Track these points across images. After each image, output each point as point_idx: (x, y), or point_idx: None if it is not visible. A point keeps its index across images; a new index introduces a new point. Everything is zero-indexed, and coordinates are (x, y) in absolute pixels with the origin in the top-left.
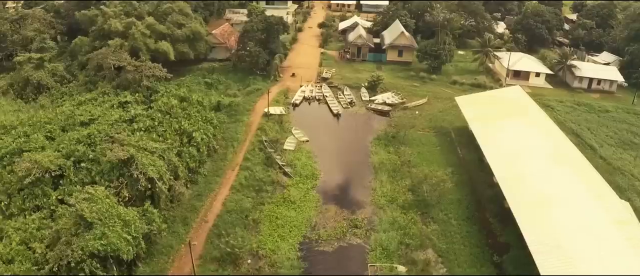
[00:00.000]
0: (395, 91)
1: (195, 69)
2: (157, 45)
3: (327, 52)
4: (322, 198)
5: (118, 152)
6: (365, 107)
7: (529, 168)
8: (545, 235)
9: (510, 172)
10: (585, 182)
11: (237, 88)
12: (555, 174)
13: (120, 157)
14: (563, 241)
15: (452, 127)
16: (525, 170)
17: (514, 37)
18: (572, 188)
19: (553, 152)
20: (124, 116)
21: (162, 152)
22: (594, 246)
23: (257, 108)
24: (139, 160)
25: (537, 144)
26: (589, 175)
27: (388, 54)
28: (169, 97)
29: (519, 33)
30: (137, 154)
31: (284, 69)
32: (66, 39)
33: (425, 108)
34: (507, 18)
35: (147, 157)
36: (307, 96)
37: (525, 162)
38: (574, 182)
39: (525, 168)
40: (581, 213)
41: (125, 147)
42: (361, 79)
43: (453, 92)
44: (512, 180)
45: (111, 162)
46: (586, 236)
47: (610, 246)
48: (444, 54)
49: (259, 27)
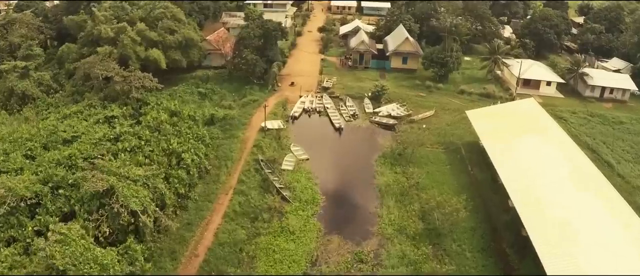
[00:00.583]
0: (400, 102)
1: (188, 77)
2: (148, 53)
3: (328, 59)
4: (324, 226)
5: (97, 182)
6: (369, 120)
7: (547, 191)
8: (567, 267)
9: (528, 195)
10: (609, 207)
11: (232, 99)
12: (576, 198)
13: (99, 189)
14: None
15: (462, 143)
16: (544, 194)
17: (522, 43)
18: (595, 215)
19: (572, 172)
20: (108, 134)
21: (146, 180)
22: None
23: (253, 121)
24: (120, 192)
25: (555, 164)
26: (613, 199)
27: (392, 61)
28: (158, 110)
29: (526, 38)
30: (118, 184)
31: (282, 78)
32: (56, 44)
33: (432, 121)
34: (513, 21)
35: (130, 187)
36: (307, 108)
37: (543, 184)
38: (597, 208)
39: (543, 192)
40: (607, 244)
41: (105, 175)
42: (364, 89)
43: (461, 102)
44: (529, 204)
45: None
46: (613, 270)
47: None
48: (451, 61)
49: (256, 34)
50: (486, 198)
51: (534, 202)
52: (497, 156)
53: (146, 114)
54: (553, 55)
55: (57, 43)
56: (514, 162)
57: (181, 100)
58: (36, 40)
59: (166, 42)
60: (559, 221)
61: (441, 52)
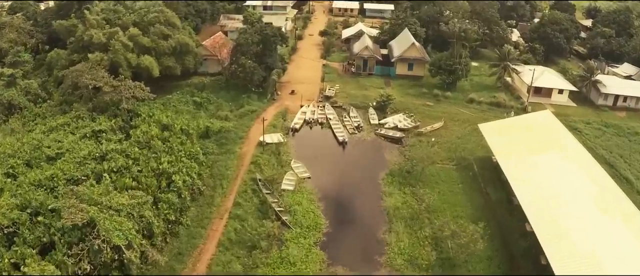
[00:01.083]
0: (407, 112)
1: (183, 84)
2: (139, 60)
3: (330, 64)
4: (328, 256)
5: (76, 214)
6: (375, 133)
7: (568, 214)
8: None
9: (547, 219)
10: (636, 232)
11: (229, 109)
12: (600, 223)
13: (77, 222)
14: None
15: (473, 158)
16: (565, 217)
17: (531, 47)
18: (621, 241)
19: (595, 194)
20: (94, 152)
21: (131, 209)
22: None
23: (251, 134)
24: (102, 225)
25: (575, 184)
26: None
27: (397, 67)
28: (150, 124)
29: (535, 42)
30: (99, 216)
31: (282, 85)
32: (48, 49)
33: (441, 134)
34: (520, 25)
35: (113, 218)
36: (308, 119)
37: (563, 206)
38: (623, 233)
39: (564, 215)
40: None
41: (85, 205)
42: (368, 97)
43: (471, 112)
44: (549, 229)
45: None
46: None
47: None
48: (459, 68)
49: (254, 40)
50: (502, 221)
51: (554, 227)
52: (513, 174)
53: (136, 127)
54: (563, 61)
55: (48, 47)
56: (532, 181)
57: (175, 109)
58: (28, 44)
59: (159, 48)
60: (582, 249)
61: (449, 59)
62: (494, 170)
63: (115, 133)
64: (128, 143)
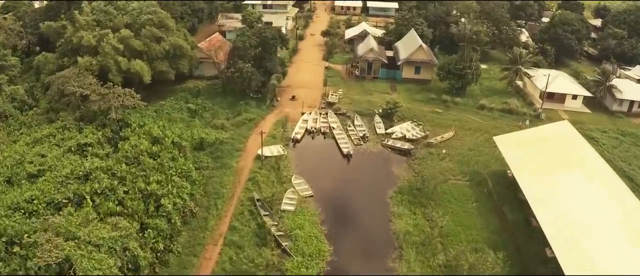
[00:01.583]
0: (416, 121)
1: (178, 89)
2: (130, 65)
3: (333, 67)
4: None
5: (50, 251)
6: (381, 144)
7: (594, 239)
8: None
9: (571, 244)
10: None
11: (225, 117)
12: (627, 249)
13: (51, 262)
14: None
15: (487, 172)
16: (590, 242)
17: (541, 49)
18: None
19: (621, 217)
20: (78, 170)
21: (113, 243)
22: None
23: (249, 146)
24: (78, 265)
25: (600, 206)
26: None
27: (403, 71)
28: (140, 135)
29: (546, 43)
30: (76, 254)
31: (282, 90)
32: (38, 50)
33: (452, 144)
34: (528, 24)
35: (91, 256)
36: (310, 128)
37: (587, 230)
38: None
39: (589, 239)
40: None
41: (60, 240)
42: (374, 103)
43: (482, 120)
44: (573, 256)
45: None
46: None
47: None
48: (470, 73)
49: (252, 43)
50: (520, 245)
51: (577, 252)
52: (533, 193)
53: (126, 139)
54: (573, 63)
55: (39, 49)
56: (552, 201)
57: (168, 117)
58: (18, 46)
59: (152, 51)
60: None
61: (459, 63)
62: (509, 185)
63: (102, 146)
64: (114, 159)
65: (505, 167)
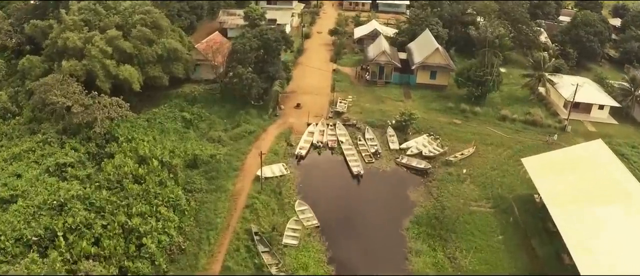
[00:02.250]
0: (433, 134)
1: (173, 94)
2: (119, 70)
3: (341, 70)
4: None
5: None
6: (395, 161)
7: None
8: None
9: None
10: None
11: (223, 128)
12: None
13: None
14: None
15: (513, 196)
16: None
17: (563, 52)
18: None
19: None
20: (52, 198)
21: None
22: None
23: (247, 164)
24: None
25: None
26: None
27: (418, 75)
28: (126, 153)
29: (566, 45)
30: None
31: (286, 97)
32: (29, 50)
33: (473, 162)
34: (546, 24)
35: None
36: (316, 142)
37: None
38: None
39: None
40: None
41: None
42: (386, 113)
43: (504, 133)
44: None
45: None
46: None
47: None
48: (491, 80)
49: (253, 46)
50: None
51: None
52: (567, 229)
53: (111, 156)
54: (595, 66)
55: (30, 49)
56: (591, 239)
57: (160, 128)
58: (8, 45)
59: (143, 55)
60: None
61: (479, 69)
62: (537, 212)
63: (83, 165)
64: (95, 184)
65: (531, 190)
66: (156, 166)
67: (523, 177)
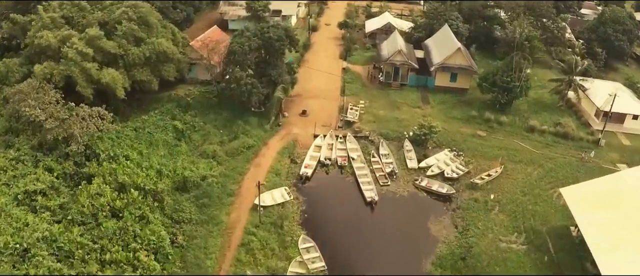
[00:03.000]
0: (455, 149)
1: (165, 98)
2: (100, 74)
3: (351, 68)
4: None
5: None
6: (414, 184)
7: None
8: None
9: None
10: None
11: (219, 139)
12: None
13: None
14: None
15: (547, 229)
16: None
17: (590, 51)
18: None
19: None
20: (15, 242)
21: None
22: None
23: (245, 187)
24: None
25: None
26: None
27: (437, 77)
28: (105, 177)
29: (593, 44)
30: None
31: (290, 102)
32: (15, 46)
33: (501, 184)
34: (570, 19)
35: None
36: (324, 159)
37: None
38: None
39: None
40: None
41: None
42: (403, 122)
43: (533, 147)
44: None
45: None
46: None
47: None
48: (518, 86)
49: (253, 46)
50: None
51: None
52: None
53: (90, 178)
54: (622, 66)
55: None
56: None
57: (149, 139)
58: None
59: (129, 56)
60: None
61: (506, 74)
62: (574, 249)
63: (57, 193)
64: (66, 220)
65: (566, 220)
66: (136, 197)
67: (557, 204)
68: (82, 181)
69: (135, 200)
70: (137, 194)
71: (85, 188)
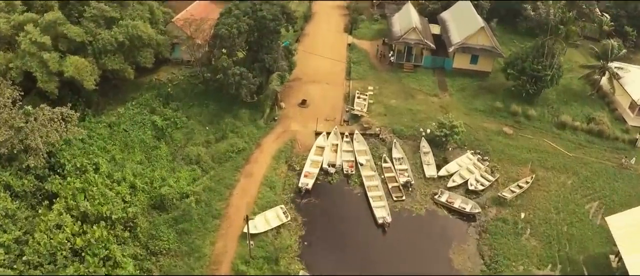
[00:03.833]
0: (479, 152)
1: (145, 84)
2: (62, 65)
3: (358, 44)
4: None
5: None
6: (432, 199)
7: None
8: None
9: None
10: None
11: (205, 138)
12: None
13: None
14: None
15: (584, 258)
16: None
17: (618, 29)
18: None
19: None
20: None
21: None
22: None
23: (233, 205)
24: None
25: None
26: None
27: (455, 59)
28: (68, 201)
29: (622, 21)
30: None
31: (288, 88)
32: None
33: (532, 199)
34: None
35: None
36: (327, 166)
37: None
38: None
39: None
40: None
41: None
42: (418, 115)
43: (565, 149)
44: None
45: None
46: None
47: None
48: (550, 75)
49: (243, 28)
50: None
51: None
52: None
53: (52, 199)
54: None
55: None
56: None
57: (124, 141)
58: None
59: (99, 42)
60: None
61: (537, 61)
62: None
63: (12, 221)
64: (21, 264)
65: (604, 245)
66: (101, 234)
67: (594, 223)
68: (44, 201)
69: (100, 238)
70: (103, 226)
71: (45, 217)
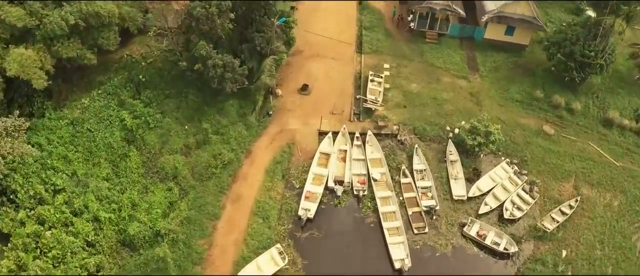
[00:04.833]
0: (516, 161)
1: (113, 65)
2: (4, 63)
3: (370, 4)
4: None
5: None
6: (462, 233)
7: None
8: None
9: None
10: None
11: (183, 142)
12: None
13: None
14: None
15: None
16: None
17: None
18: None
19: None
20: None
21: None
22: None
23: (217, 247)
24: None
25: None
26: None
27: (488, 29)
28: (17, 252)
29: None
30: None
31: (286, 68)
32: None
33: (575, 226)
34: None
35: None
36: (333, 183)
37: None
38: None
39: None
40: None
41: None
42: (443, 106)
43: (612, 155)
44: None
45: None
46: None
47: None
48: (603, 59)
49: (225, 6)
50: None
51: None
52: None
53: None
54: None
55: None
56: None
57: (89, 146)
58: None
59: (47, 24)
60: None
61: (589, 44)
62: None
63: None
64: None
65: None
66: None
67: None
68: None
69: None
70: None
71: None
